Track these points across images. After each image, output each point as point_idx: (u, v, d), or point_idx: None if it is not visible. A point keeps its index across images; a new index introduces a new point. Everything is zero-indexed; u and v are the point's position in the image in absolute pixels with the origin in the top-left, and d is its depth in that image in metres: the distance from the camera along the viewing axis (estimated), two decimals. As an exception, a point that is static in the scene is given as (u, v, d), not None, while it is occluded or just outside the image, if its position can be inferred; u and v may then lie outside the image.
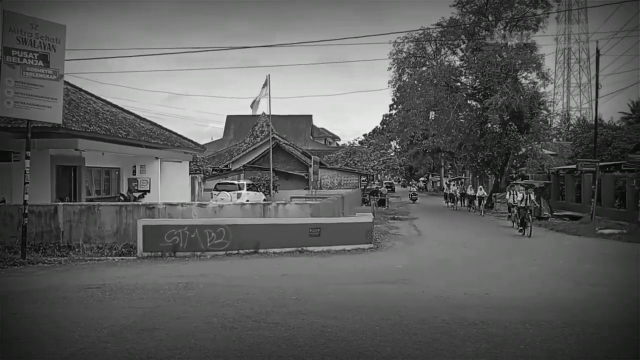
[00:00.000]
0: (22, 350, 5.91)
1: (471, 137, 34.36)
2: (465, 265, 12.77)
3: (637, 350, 5.55)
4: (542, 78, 32.41)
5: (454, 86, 34.31)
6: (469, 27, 33.47)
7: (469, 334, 6.45)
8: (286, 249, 13.80)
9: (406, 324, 6.90)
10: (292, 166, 39.08)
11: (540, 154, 35.57)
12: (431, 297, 8.82)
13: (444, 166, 73.89)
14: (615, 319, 7.30)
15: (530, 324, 6.92)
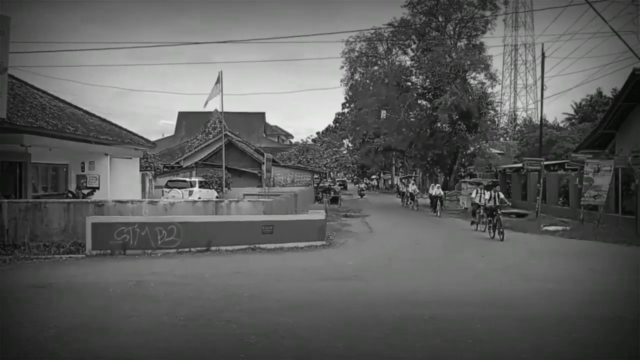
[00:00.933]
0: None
1: (421, 136, 35.00)
2: (416, 262, 12.98)
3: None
4: (490, 79, 33.36)
5: (405, 86, 34.87)
6: (419, 28, 34.07)
7: (420, 330, 6.57)
8: (239, 247, 13.70)
9: (359, 321, 6.97)
10: (245, 163, 38.80)
11: (488, 153, 36.60)
12: (383, 294, 8.93)
13: (395, 164, 74.93)
14: (561, 313, 7.55)
15: (480, 319, 7.09)
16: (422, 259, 13.53)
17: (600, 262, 12.76)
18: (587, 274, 11.27)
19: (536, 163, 26.13)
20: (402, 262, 12.85)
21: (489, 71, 32.79)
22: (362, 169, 79.87)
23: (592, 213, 21.53)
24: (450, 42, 33.87)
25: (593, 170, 21.49)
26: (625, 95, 24.88)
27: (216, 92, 22.64)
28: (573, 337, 6.37)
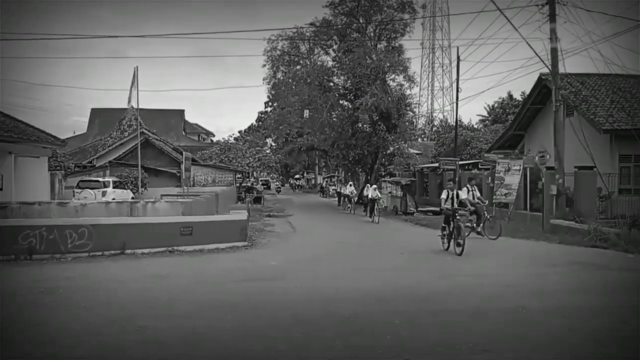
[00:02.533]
0: None
1: (343, 136, 35.39)
2: (338, 261, 13.06)
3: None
4: (409, 81, 34.24)
5: (327, 86, 35.13)
6: (340, 29, 34.42)
7: (340, 328, 6.57)
8: (156, 249, 13.20)
9: (279, 321, 6.88)
10: (163, 163, 37.62)
11: (407, 153, 37.61)
12: (304, 293, 8.89)
13: (319, 164, 75.49)
14: (476, 306, 7.79)
15: (399, 314, 7.21)
16: (345, 258, 13.62)
17: (510, 258, 13.33)
18: (500, 268, 11.75)
19: (451, 163, 27.12)
20: (324, 262, 12.87)
21: (408, 73, 33.66)
22: (285, 168, 79.87)
23: (503, 210, 22.57)
24: (371, 43, 34.46)
25: (504, 169, 22.55)
26: (533, 98, 26.32)
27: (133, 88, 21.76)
28: (484, 328, 6.58)
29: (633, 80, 25.40)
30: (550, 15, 19.42)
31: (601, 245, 14.61)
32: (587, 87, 24.42)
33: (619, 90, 24.30)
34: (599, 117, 21.62)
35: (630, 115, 21.77)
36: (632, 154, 21.47)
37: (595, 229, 15.48)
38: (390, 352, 5.76)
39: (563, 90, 21.72)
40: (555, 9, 19.40)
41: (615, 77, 25.02)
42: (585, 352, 5.77)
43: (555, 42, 19.57)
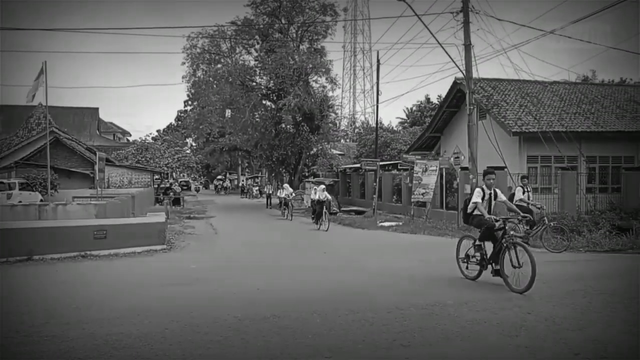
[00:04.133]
0: None
1: (267, 136, 35.29)
2: (259, 262, 12.99)
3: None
4: (331, 82, 34.66)
5: (250, 85, 34.89)
6: (263, 28, 34.28)
7: (260, 329, 6.53)
8: (67, 255, 12.57)
9: (197, 324, 6.74)
10: (75, 163, 35.85)
11: (330, 154, 38.08)
12: (225, 295, 8.76)
13: (241, 164, 74.80)
14: (393, 302, 7.93)
15: (318, 313, 7.26)
16: (267, 259, 13.57)
17: (427, 254, 13.79)
18: (416, 265, 12.11)
19: (373, 163, 27.70)
20: (247, 264, 12.76)
21: (330, 75, 34.09)
22: (207, 169, 78.50)
23: (421, 209, 23.33)
24: (293, 44, 34.56)
25: (421, 170, 23.29)
26: (449, 102, 27.39)
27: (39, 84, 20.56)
28: (403, 325, 6.74)
29: (539, 86, 27.03)
30: (464, 23, 20.25)
31: (511, 241, 15.37)
32: (498, 92, 25.72)
33: (527, 95, 25.79)
34: (508, 120, 22.80)
35: (536, 119, 23.11)
36: (538, 155, 22.84)
37: (506, 226, 16.27)
38: (310, 350, 5.78)
39: (476, 94, 22.73)
40: (469, 17, 20.26)
41: (523, 83, 26.57)
42: (494, 341, 6.06)
43: (469, 48, 20.43)
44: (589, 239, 14.83)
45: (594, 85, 32.61)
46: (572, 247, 14.27)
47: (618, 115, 25.16)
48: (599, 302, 7.89)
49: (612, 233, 15.93)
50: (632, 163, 23.89)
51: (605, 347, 5.79)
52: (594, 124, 23.89)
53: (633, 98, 27.74)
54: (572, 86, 29.46)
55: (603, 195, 23.18)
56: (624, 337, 6.15)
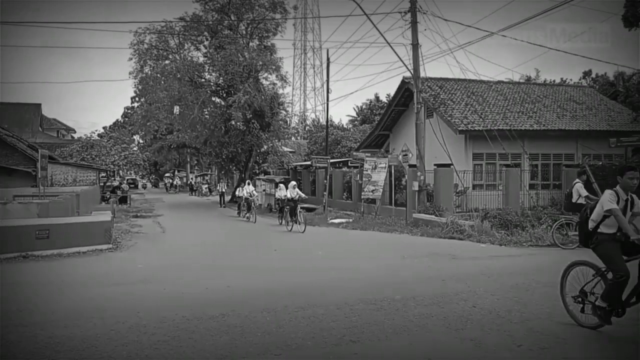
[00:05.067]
0: None
1: (216, 134, 34.86)
2: (208, 260, 12.84)
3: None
4: (281, 80, 34.57)
5: (199, 82, 34.39)
6: (212, 25, 33.84)
7: (209, 328, 6.48)
8: (7, 255, 12.10)
9: (145, 325, 6.62)
10: (16, 161, 34.38)
11: (281, 151, 37.99)
12: (173, 295, 8.63)
13: (190, 162, 73.68)
14: (342, 299, 7.99)
15: (268, 311, 7.25)
16: (216, 257, 13.44)
17: (376, 250, 13.97)
18: (365, 262, 12.25)
19: (323, 161, 27.83)
20: (194, 263, 12.59)
21: (280, 72, 34.00)
22: (155, 166, 76.96)
23: (371, 206, 23.58)
24: (243, 41, 34.26)
25: (371, 167, 23.55)
26: (397, 100, 27.79)
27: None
28: (352, 320, 6.81)
29: (484, 85, 27.79)
30: (412, 23, 20.59)
31: (457, 236, 15.80)
32: (445, 91, 26.30)
33: (473, 94, 26.47)
34: (455, 118, 23.33)
35: (482, 117, 23.75)
36: (483, 153, 23.48)
37: (452, 222, 16.71)
38: (259, 348, 5.77)
39: (424, 93, 23.15)
40: (417, 17, 20.62)
41: (469, 82, 27.26)
42: (440, 335, 6.21)
43: (416, 48, 20.79)
44: (532, 234, 15.33)
45: (536, 85, 33.80)
46: (515, 242, 14.74)
47: (559, 114, 26.17)
48: (541, 295, 8.17)
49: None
50: (572, 160, 24.88)
51: (546, 338, 6.01)
52: (536, 122, 24.76)
53: (573, 98, 28.91)
54: (516, 86, 30.45)
55: (545, 192, 24.05)
56: (564, 328, 6.40)
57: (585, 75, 51.83)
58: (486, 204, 21.72)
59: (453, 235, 15.94)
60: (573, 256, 12.43)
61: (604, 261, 6.24)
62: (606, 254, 6.15)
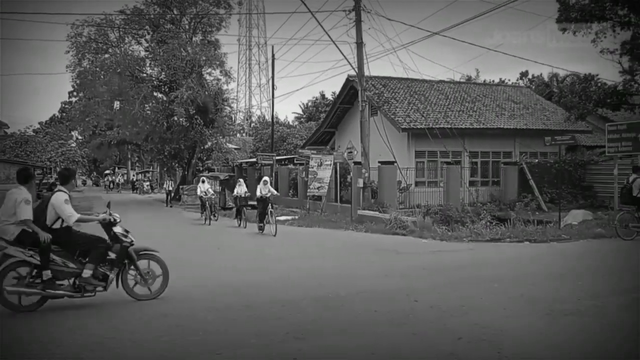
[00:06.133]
0: None
1: (158, 130, 34.10)
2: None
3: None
4: (226, 76, 34.13)
5: (140, 77, 33.55)
6: (153, 18, 33.08)
7: (150, 328, 6.36)
8: None
9: (82, 326, 6.42)
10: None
11: (225, 148, 37.55)
12: (113, 296, 8.32)
13: (131, 159, 71.86)
14: (293, 298, 7.99)
15: (211, 310, 7.16)
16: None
17: (321, 247, 14.04)
18: (310, 259, 12.28)
19: (269, 158, 27.75)
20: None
21: (224, 68, 33.57)
22: (94, 163, 74.68)
23: (317, 203, 23.69)
24: (186, 36, 33.67)
25: (317, 164, 23.65)
26: (342, 98, 28.01)
27: None
28: (297, 317, 6.82)
29: (426, 85, 28.40)
30: (356, 21, 20.79)
31: (400, 232, 16.10)
32: (389, 90, 26.71)
33: (415, 93, 27.01)
34: (398, 117, 23.74)
35: (424, 116, 24.27)
36: (425, 150, 24.03)
37: (396, 218, 17.01)
38: (201, 348, 5.69)
39: (368, 91, 23.43)
40: (361, 16, 20.83)
41: (412, 81, 27.80)
42: (384, 330, 6.31)
43: (361, 46, 21.01)
44: (472, 229, 15.79)
45: (476, 85, 34.84)
46: (456, 237, 15.14)
47: (498, 113, 27.06)
48: (481, 288, 8.42)
49: (492, 223, 17.10)
50: (510, 158, 25.81)
51: (484, 330, 6.20)
52: (476, 121, 25.52)
53: (511, 97, 29.96)
54: (457, 85, 31.28)
55: (484, 188, 24.86)
56: (502, 321, 6.61)
57: (522, 76, 53.88)
58: (428, 201, 22.25)
59: (396, 231, 16.22)
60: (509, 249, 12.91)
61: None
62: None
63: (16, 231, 7.01)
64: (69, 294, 7.16)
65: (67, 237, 7.34)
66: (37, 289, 6.97)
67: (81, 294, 7.21)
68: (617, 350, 5.62)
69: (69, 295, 7.15)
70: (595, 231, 15.18)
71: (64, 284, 7.18)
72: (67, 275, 7.20)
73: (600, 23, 20.57)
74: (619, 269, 10.20)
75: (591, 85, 22.67)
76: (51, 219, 7.24)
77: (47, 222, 7.20)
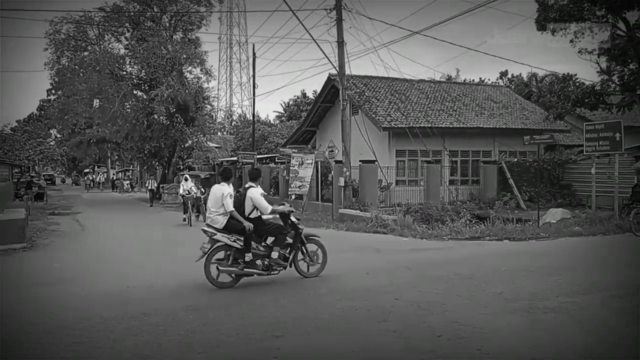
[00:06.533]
0: None
1: (138, 128, 33.74)
2: (131, 258, 12.44)
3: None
4: (206, 74, 33.92)
5: (120, 75, 33.20)
6: (133, 16, 32.76)
7: (129, 328, 6.33)
8: None
9: (63, 326, 6.37)
10: None
11: (206, 147, 37.31)
12: (92, 295, 8.32)
13: (111, 157, 71.07)
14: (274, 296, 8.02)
15: (192, 309, 7.16)
16: (137, 254, 13.07)
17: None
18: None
19: (250, 156, 27.68)
20: (116, 260, 12.19)
21: (205, 66, 33.35)
22: (73, 162, 73.79)
23: (298, 201, 23.68)
24: (167, 33, 33.39)
25: (298, 163, 23.63)
26: (323, 97, 28.06)
27: None
28: (276, 316, 6.84)
29: (407, 84, 28.57)
30: (337, 20, 20.84)
31: (381, 230, 16.19)
32: (370, 89, 26.82)
33: (396, 92, 27.16)
34: (379, 116, 23.86)
35: (404, 115, 24.42)
36: (406, 149, 24.18)
37: (377, 217, 17.10)
38: (182, 347, 5.70)
39: (349, 90, 23.52)
40: (342, 14, 20.88)
41: (393, 80, 27.95)
42: (365, 327, 6.37)
43: (342, 45, 21.07)
44: (452, 228, 15.95)
45: (457, 84, 35.14)
46: (436, 235, 15.27)
47: (477, 112, 27.33)
48: (461, 286, 8.53)
49: (472, 222, 17.29)
50: (489, 157, 26.09)
51: (464, 328, 6.28)
52: (456, 120, 25.74)
53: (490, 97, 30.27)
54: (437, 85, 31.52)
55: (464, 187, 25.11)
56: (482, 319, 6.70)
57: (502, 76, 54.48)
58: (408, 199, 22.42)
59: (377, 230, 16.30)
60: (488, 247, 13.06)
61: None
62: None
63: (224, 221, 8.65)
64: (260, 272, 8.77)
65: (260, 225, 8.88)
66: (237, 269, 8.67)
67: (268, 272, 8.85)
68: (595, 347, 5.73)
69: (259, 273, 8.79)
70: (574, 229, 15.45)
71: (258, 264, 8.74)
72: (259, 257, 8.79)
73: (579, 23, 20.84)
74: (597, 267, 10.39)
75: (569, 85, 22.97)
76: (248, 209, 8.74)
77: (245, 213, 8.71)
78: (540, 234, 15.00)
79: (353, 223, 17.73)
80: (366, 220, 17.38)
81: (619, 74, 21.96)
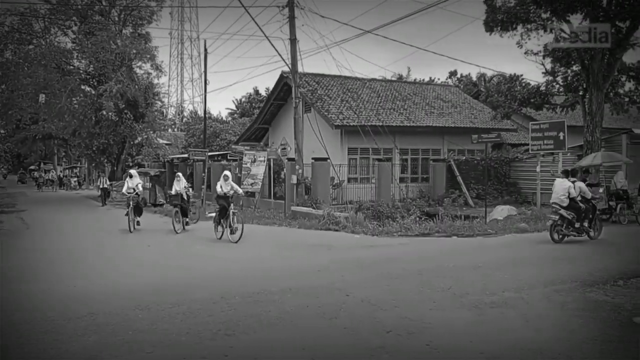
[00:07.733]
0: None
1: (86, 124, 32.85)
2: (78, 257, 12.13)
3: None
4: (157, 69, 33.37)
5: (67, 69, 32.26)
6: (81, 9, 31.85)
7: (75, 328, 6.23)
8: None
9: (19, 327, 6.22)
10: None
11: (156, 143, 36.69)
12: (37, 294, 8.11)
13: (58, 154, 68.80)
14: (224, 294, 7.95)
15: (141, 308, 7.09)
16: (85, 252, 12.76)
17: (254, 243, 14.01)
18: (243, 255, 12.29)
19: (201, 153, 27.34)
20: (64, 257, 11.88)
21: (155, 62, 32.79)
22: (17, 158, 71.21)
23: (250, 199, 23.60)
24: (116, 28, 32.64)
25: (250, 160, 23.56)
26: (276, 94, 28.05)
27: None
28: (228, 314, 6.87)
29: (359, 82, 28.87)
30: (290, 17, 20.85)
31: (333, 228, 16.31)
32: (322, 87, 26.97)
33: (348, 90, 27.42)
34: (331, 114, 24.05)
35: (356, 114, 24.68)
36: (358, 147, 24.46)
37: (329, 214, 17.24)
38: (131, 347, 5.66)
39: (302, 88, 23.59)
40: (295, 12, 20.91)
41: (345, 79, 28.20)
42: (316, 324, 6.48)
43: (294, 43, 21.09)
44: (402, 224, 16.24)
45: (407, 84, 35.75)
46: (387, 232, 15.52)
47: (427, 111, 27.88)
48: (411, 282, 8.73)
49: (422, 218, 17.65)
50: (439, 155, 26.67)
51: (414, 323, 6.44)
52: (406, 119, 26.20)
53: (440, 96, 30.91)
54: (388, 84, 31.97)
55: (414, 185, 25.59)
56: (431, 314, 6.89)
57: (451, 75, 55.67)
58: (360, 197, 22.70)
59: (329, 227, 16.43)
60: (437, 244, 13.35)
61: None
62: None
63: (567, 202, 13.05)
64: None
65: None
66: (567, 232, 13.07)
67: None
68: (540, 340, 5.95)
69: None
70: (520, 226, 16.00)
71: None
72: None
73: (525, 25, 21.49)
74: (542, 262, 10.80)
75: (516, 85, 23.68)
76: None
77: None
78: (488, 230, 15.47)
79: (305, 220, 17.80)
80: (318, 217, 17.49)
81: (562, 75, 22.79)
